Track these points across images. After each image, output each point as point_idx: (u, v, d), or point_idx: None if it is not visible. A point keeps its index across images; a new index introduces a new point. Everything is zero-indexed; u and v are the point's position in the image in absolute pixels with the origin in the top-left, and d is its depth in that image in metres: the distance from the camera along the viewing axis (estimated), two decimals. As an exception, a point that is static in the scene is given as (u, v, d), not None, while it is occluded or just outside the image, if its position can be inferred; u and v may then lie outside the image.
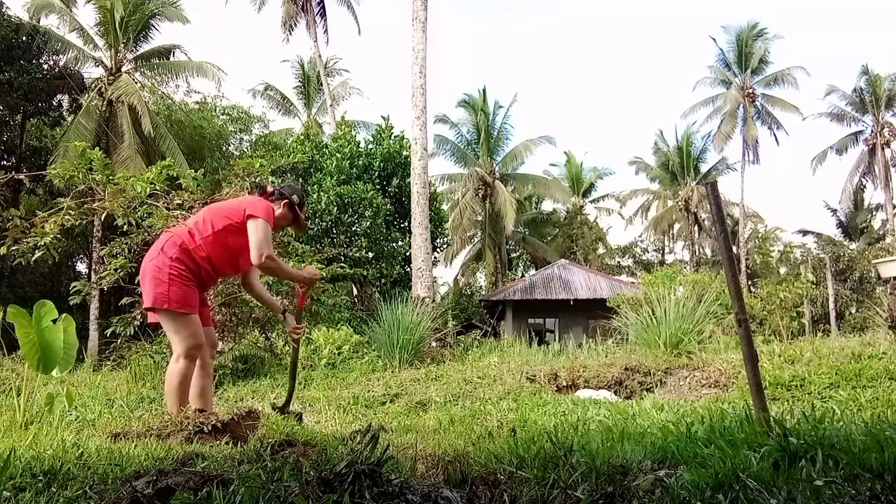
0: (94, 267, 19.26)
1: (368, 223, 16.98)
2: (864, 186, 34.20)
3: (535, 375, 6.67)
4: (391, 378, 7.02)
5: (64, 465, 2.14)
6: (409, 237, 15.63)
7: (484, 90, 31.89)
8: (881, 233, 33.19)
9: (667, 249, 42.04)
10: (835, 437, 2.23)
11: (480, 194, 31.56)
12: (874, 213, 35.60)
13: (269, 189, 3.92)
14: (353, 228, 17.23)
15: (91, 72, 21.46)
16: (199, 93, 26.17)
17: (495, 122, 32.10)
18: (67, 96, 21.36)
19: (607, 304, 13.72)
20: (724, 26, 34.29)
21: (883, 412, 3.65)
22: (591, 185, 39.88)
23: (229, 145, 26.69)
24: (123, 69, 21.25)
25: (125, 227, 7.09)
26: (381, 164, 19.24)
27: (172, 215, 7.06)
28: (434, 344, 10.60)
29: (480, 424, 4.20)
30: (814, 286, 20.63)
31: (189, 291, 3.53)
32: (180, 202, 7.26)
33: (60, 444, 2.69)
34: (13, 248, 6.68)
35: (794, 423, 2.63)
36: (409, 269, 17.77)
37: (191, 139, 23.41)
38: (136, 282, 7.24)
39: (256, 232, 3.50)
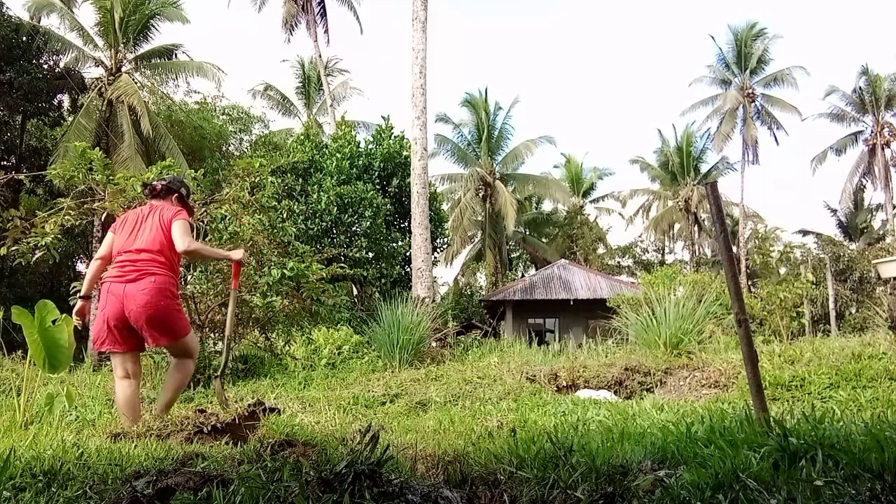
0: (94, 267, 19.22)
1: (368, 223, 16.97)
2: (864, 187, 34.18)
3: (535, 375, 6.67)
4: (391, 378, 7.01)
5: (64, 465, 2.14)
6: (409, 237, 15.62)
7: (486, 90, 31.99)
8: (881, 233, 33.16)
9: (667, 249, 42.08)
10: (835, 437, 2.22)
11: (481, 194, 31.55)
12: (874, 213, 35.59)
13: (158, 186, 4.19)
14: (353, 228, 17.23)
15: (91, 72, 21.50)
16: (199, 93, 26.20)
17: (496, 122, 32.12)
18: (67, 96, 21.36)
19: (607, 304, 13.72)
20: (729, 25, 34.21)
21: (883, 412, 3.65)
22: (592, 186, 39.86)
23: (229, 145, 26.69)
24: (123, 69, 21.24)
25: (125, 227, 7.08)
26: (381, 165, 19.23)
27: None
28: (434, 344, 10.60)
29: (480, 424, 4.20)
30: (814, 286, 20.61)
31: None
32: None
33: (60, 444, 2.69)
34: (13, 248, 6.68)
35: (794, 423, 2.63)
36: (409, 269, 17.77)
37: (191, 139, 23.40)
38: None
39: (179, 228, 3.86)
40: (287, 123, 57.72)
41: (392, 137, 20.01)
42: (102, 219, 9.91)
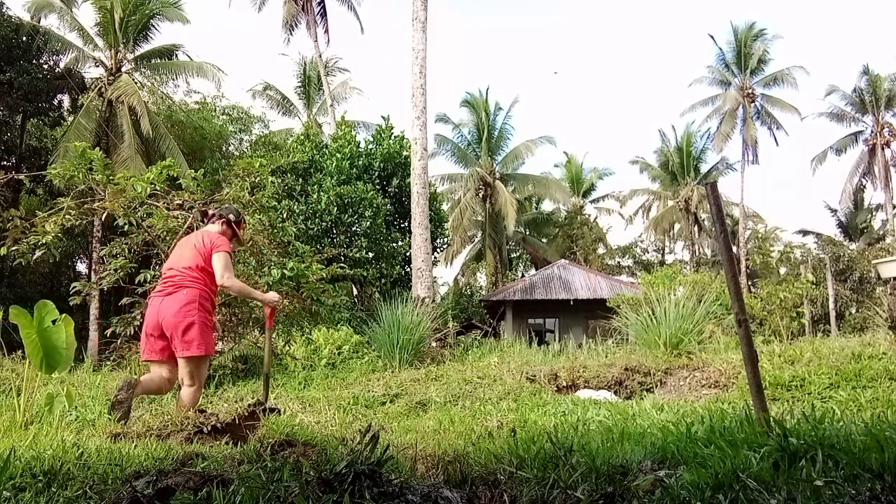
0: (94, 267, 19.25)
1: (368, 223, 16.97)
2: (864, 187, 34.18)
3: (535, 375, 6.67)
4: (391, 378, 7.01)
5: (64, 465, 2.14)
6: (409, 237, 15.62)
7: (486, 90, 32.00)
8: (881, 233, 33.14)
9: (667, 249, 42.06)
10: (835, 437, 2.22)
11: (481, 194, 31.54)
12: (874, 213, 35.58)
13: (210, 212, 4.57)
14: (353, 228, 17.22)
15: (91, 72, 21.50)
16: (199, 93, 26.22)
17: (496, 122, 32.13)
18: (67, 96, 21.36)
19: (607, 304, 13.71)
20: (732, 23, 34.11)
21: (883, 412, 3.65)
22: (592, 186, 39.87)
23: (229, 145, 26.70)
24: (123, 69, 21.24)
25: (125, 227, 7.09)
26: (381, 165, 19.23)
27: (173, 215, 7.06)
28: (434, 344, 10.59)
29: (480, 424, 4.20)
30: (814, 286, 20.60)
31: None
32: (180, 202, 7.25)
33: (60, 444, 2.69)
34: (13, 248, 6.68)
35: (794, 423, 2.63)
36: (409, 269, 17.76)
37: (191, 139, 23.40)
38: (136, 282, 7.25)
39: (220, 260, 4.18)
40: (287, 123, 57.78)
41: (392, 137, 20.00)
42: (102, 219, 9.91)
